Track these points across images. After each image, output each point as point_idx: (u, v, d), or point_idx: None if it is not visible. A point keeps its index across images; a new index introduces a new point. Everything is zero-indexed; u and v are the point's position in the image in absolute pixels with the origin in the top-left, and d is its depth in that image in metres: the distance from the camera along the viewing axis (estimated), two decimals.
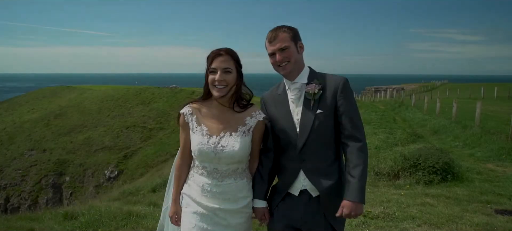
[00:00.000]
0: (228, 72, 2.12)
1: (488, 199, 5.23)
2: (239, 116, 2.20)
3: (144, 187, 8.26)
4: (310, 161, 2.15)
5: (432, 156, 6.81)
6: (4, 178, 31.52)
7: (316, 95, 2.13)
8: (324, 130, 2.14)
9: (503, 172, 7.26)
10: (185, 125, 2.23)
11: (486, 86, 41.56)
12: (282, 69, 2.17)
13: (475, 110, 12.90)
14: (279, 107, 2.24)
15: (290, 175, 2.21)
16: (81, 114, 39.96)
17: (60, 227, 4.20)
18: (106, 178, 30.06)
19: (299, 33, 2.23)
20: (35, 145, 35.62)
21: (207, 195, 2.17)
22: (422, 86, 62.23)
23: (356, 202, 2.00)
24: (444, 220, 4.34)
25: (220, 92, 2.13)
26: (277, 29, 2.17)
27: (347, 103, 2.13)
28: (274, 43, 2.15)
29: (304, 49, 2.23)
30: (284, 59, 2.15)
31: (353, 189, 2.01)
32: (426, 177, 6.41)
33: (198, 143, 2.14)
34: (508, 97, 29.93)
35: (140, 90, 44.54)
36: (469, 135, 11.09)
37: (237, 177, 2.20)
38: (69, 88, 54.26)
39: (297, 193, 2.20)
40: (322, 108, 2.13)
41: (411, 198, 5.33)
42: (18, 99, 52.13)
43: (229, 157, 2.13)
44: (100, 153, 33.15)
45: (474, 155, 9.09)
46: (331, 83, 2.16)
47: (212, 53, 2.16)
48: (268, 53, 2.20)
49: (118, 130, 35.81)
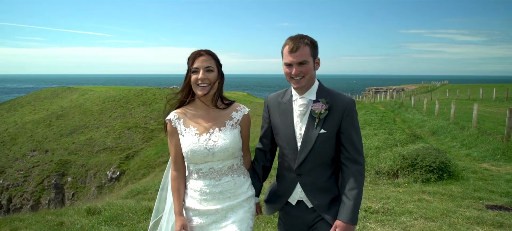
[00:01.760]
0: (210, 70, 2.15)
1: (480, 195, 5.54)
2: (225, 112, 2.24)
3: (152, 186, 8.54)
4: (307, 176, 2.17)
5: (429, 156, 7.12)
6: (6, 179, 31.60)
7: (322, 115, 2.11)
8: (325, 150, 2.15)
9: (497, 171, 7.54)
10: (174, 131, 2.22)
11: (485, 87, 41.81)
12: (295, 83, 2.12)
13: (472, 111, 13.20)
14: (283, 117, 2.22)
15: (288, 185, 2.24)
16: (83, 115, 40.10)
17: (86, 220, 4.50)
18: (108, 179, 30.18)
19: (318, 47, 2.19)
20: (37, 145, 35.72)
21: (207, 197, 2.18)
22: (422, 87, 62.30)
23: (349, 224, 2.05)
24: (438, 214, 4.66)
25: (203, 90, 2.15)
26: (299, 40, 2.08)
27: (351, 127, 2.13)
28: (294, 55, 2.07)
29: (320, 66, 2.20)
30: (300, 74, 2.09)
31: (347, 211, 2.05)
32: (423, 175, 6.72)
33: (189, 143, 2.14)
34: (506, 99, 30.20)
35: (141, 91, 44.73)
36: (466, 136, 11.36)
37: (234, 174, 2.22)
38: (71, 89, 54.41)
39: (294, 202, 2.25)
40: (326, 128, 2.12)
41: (408, 195, 5.64)
42: (20, 100, 52.28)
43: (223, 150, 2.14)
44: (102, 153, 33.27)
45: (471, 155, 9.36)
46: (338, 104, 2.13)
47: (192, 54, 2.18)
48: (285, 62, 2.13)
49: (119, 131, 35.92)
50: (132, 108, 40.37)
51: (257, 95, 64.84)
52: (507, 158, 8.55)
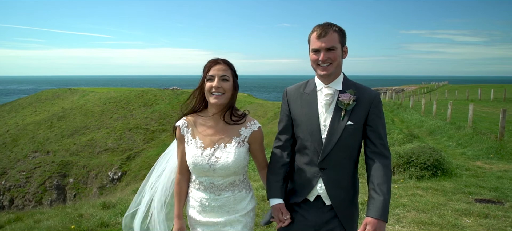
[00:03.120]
0: (225, 80, 2.11)
1: (470, 190, 5.84)
2: (234, 127, 2.17)
3: None
4: (331, 171, 2.07)
5: (424, 154, 7.42)
6: (8, 180, 31.75)
7: (350, 106, 2.04)
8: (351, 142, 2.06)
9: (489, 168, 7.83)
10: (181, 138, 2.21)
11: (484, 87, 42.17)
12: (322, 69, 2.04)
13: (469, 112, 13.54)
14: (306, 108, 2.12)
15: (308, 180, 2.12)
16: (84, 116, 40.31)
17: (103, 213, 4.81)
18: (110, 180, 30.38)
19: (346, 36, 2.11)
20: (38, 146, 35.89)
21: (206, 209, 2.17)
22: (422, 88, 62.52)
23: (380, 220, 1.92)
24: (429, 207, 4.98)
25: (217, 99, 2.10)
26: (328, 27, 2.03)
27: (378, 120, 2.07)
28: (323, 40, 2.01)
29: (347, 55, 2.12)
30: (328, 60, 2.02)
31: (378, 206, 1.94)
32: (418, 172, 7.00)
33: (192, 156, 2.13)
34: (503, 99, 30.55)
35: (142, 92, 44.98)
36: (462, 135, 11.66)
37: (234, 190, 2.18)
38: (71, 90, 54.59)
39: (312, 198, 2.13)
40: (353, 120, 2.04)
41: (403, 190, 5.94)
42: (21, 101, 52.48)
43: (223, 168, 2.10)
44: (103, 154, 33.45)
45: (465, 154, 9.66)
46: (365, 97, 2.06)
47: (209, 62, 2.15)
48: (312, 48, 2.06)
49: (121, 132, 36.10)
50: (133, 110, 40.61)
51: (257, 96, 65.05)
52: (499, 156, 8.87)
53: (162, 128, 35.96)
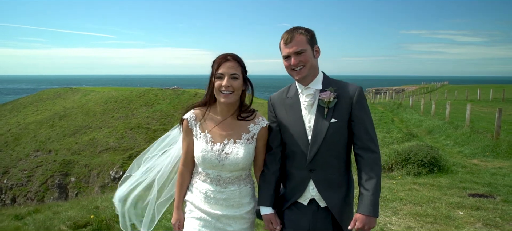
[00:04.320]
0: (235, 78, 2.08)
1: (465, 186, 6.10)
2: (243, 123, 2.17)
3: None
4: (320, 171, 2.08)
5: (421, 152, 7.69)
6: (10, 179, 31.92)
7: (331, 103, 2.04)
8: (338, 140, 2.06)
9: (485, 166, 8.09)
10: (189, 131, 2.19)
11: (483, 88, 42.44)
12: (296, 74, 2.07)
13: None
14: (290, 112, 2.14)
15: (299, 184, 2.12)
16: (86, 115, 40.49)
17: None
18: (111, 179, 30.54)
19: (316, 36, 2.12)
20: (40, 146, 36.05)
21: (210, 201, 2.16)
22: (422, 88, 62.72)
23: (369, 216, 1.95)
24: (425, 200, 5.25)
25: (226, 98, 2.09)
26: (293, 31, 2.06)
27: (363, 113, 2.05)
28: (290, 46, 2.04)
29: (320, 54, 2.13)
30: (300, 63, 2.04)
31: (366, 202, 1.96)
32: (415, 169, 7.26)
33: (202, 150, 2.11)
34: (502, 99, 30.81)
35: (143, 92, 45.20)
36: (459, 134, 11.92)
37: (240, 183, 2.18)
38: (73, 90, 54.77)
39: (306, 202, 2.13)
40: (337, 117, 2.04)
41: (401, 186, 6.20)
42: (22, 101, 52.67)
43: (233, 164, 2.10)
44: (104, 153, 33.61)
45: (462, 152, 9.91)
46: (346, 92, 2.06)
47: (218, 59, 2.10)
48: (283, 55, 2.09)
49: (122, 131, 36.24)
50: (134, 109, 40.79)
51: (258, 96, 65.26)
52: (495, 154, 9.12)
53: (163, 127, 36.10)
